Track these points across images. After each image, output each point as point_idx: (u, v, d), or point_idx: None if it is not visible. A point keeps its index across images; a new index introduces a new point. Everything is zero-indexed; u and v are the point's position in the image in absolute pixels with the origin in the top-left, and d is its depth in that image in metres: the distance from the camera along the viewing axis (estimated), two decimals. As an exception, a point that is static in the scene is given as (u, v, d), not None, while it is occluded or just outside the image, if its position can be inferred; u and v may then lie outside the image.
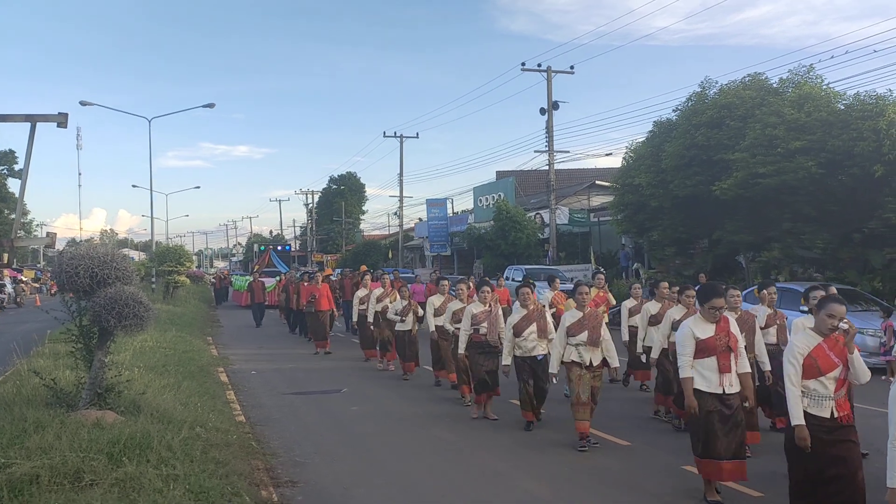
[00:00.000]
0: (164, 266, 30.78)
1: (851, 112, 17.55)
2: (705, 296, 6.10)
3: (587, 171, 44.69)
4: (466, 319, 9.33)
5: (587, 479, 6.71)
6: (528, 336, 8.53)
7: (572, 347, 7.81)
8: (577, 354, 7.78)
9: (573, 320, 7.88)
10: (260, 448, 7.70)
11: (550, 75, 30.75)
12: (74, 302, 7.77)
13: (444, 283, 11.82)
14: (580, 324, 7.85)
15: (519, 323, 8.56)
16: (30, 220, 68.58)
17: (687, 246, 24.12)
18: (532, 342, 8.54)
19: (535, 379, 8.49)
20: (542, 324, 8.59)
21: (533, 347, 8.54)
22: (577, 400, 7.70)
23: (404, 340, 12.57)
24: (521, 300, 8.72)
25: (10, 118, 4.64)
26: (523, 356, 8.54)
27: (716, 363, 5.91)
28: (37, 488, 5.21)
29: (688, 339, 5.98)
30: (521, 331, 8.53)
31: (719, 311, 6.02)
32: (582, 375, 7.72)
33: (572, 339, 7.81)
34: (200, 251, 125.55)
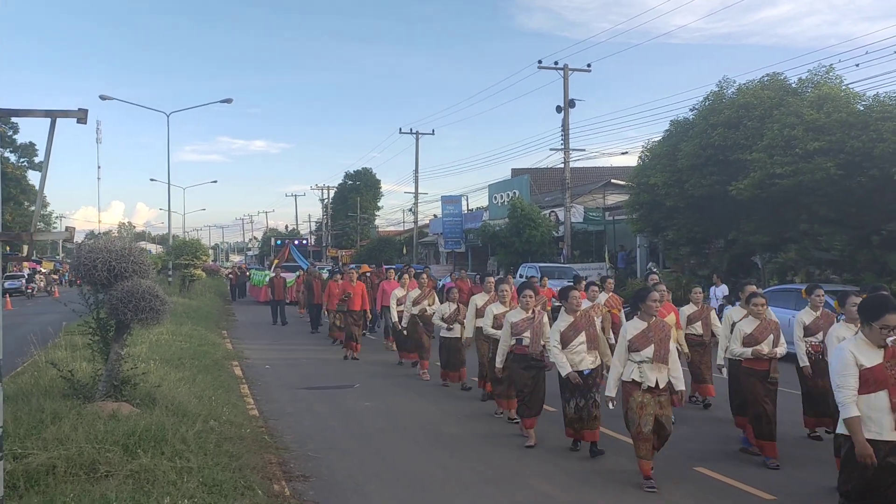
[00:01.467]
0: (181, 259, 31.01)
1: (871, 113, 17.37)
2: (874, 311, 4.59)
3: (602, 170, 44.52)
4: (506, 328, 8.19)
5: (600, 480, 6.70)
6: (575, 348, 7.34)
7: (633, 365, 6.50)
8: (639, 374, 6.45)
9: (636, 331, 6.55)
10: (273, 442, 7.76)
11: (567, 73, 30.65)
12: (92, 294, 7.87)
13: (489, 281, 10.67)
14: (645, 336, 6.51)
15: (566, 332, 7.37)
16: (49, 213, 69.28)
17: (702, 246, 23.98)
18: (580, 355, 7.35)
19: (581, 397, 7.37)
20: (593, 332, 7.45)
21: (581, 361, 7.35)
22: (637, 433, 6.39)
23: (448, 348, 11.32)
24: (569, 305, 7.54)
25: (31, 113, 4.70)
26: (574, 369, 7.40)
27: (887, 401, 4.47)
28: (53, 478, 5.29)
29: (849, 366, 4.56)
30: (568, 341, 7.36)
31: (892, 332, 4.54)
32: (645, 403, 6.40)
33: (635, 356, 6.49)
34: (217, 245, 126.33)
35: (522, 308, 8.20)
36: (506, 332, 8.17)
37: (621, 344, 6.64)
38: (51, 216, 69.79)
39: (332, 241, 71.12)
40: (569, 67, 30.72)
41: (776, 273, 20.27)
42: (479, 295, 10.60)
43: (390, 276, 15.79)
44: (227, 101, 35.32)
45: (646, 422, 6.34)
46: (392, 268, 20.05)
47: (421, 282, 13.04)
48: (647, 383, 6.41)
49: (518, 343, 8.02)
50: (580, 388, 7.30)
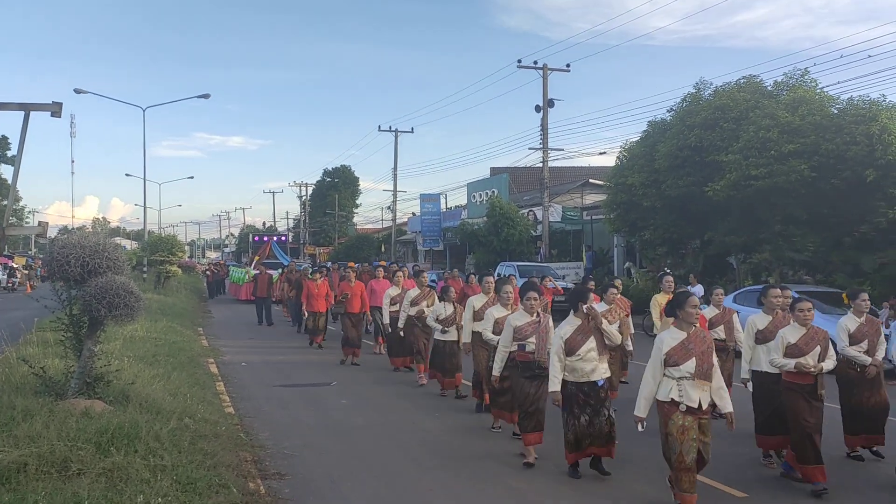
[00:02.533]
0: (156, 256, 30.70)
1: (845, 116, 17.63)
2: None
3: (581, 170, 44.74)
4: (507, 332, 7.39)
5: (576, 480, 6.73)
6: (585, 354, 6.56)
7: (671, 382, 5.66)
8: (679, 392, 5.61)
9: (674, 343, 5.70)
10: (248, 440, 7.71)
11: (546, 73, 30.75)
12: (65, 291, 7.76)
13: (488, 282, 9.77)
14: (684, 348, 5.66)
15: (573, 337, 6.59)
16: (22, 207, 68.32)
17: (678, 246, 24.20)
18: (591, 363, 6.57)
19: (593, 413, 6.54)
20: (601, 337, 6.69)
21: (592, 370, 6.55)
22: (679, 462, 5.56)
23: (444, 352, 10.41)
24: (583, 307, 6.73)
25: (5, 106, 4.63)
26: (578, 381, 6.56)
27: None
28: (24, 476, 5.21)
29: None
30: (577, 347, 6.56)
31: None
32: (687, 426, 5.55)
33: (673, 371, 5.65)
34: (193, 241, 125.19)
35: (526, 311, 7.39)
36: (507, 337, 7.38)
37: (655, 357, 5.75)
38: (23, 211, 68.83)
39: (310, 239, 70.80)
40: (548, 67, 30.82)
41: (751, 273, 20.52)
42: (477, 296, 9.74)
43: (379, 275, 14.89)
44: (204, 97, 35.09)
45: (688, 449, 5.50)
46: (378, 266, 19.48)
47: (420, 281, 12.24)
48: (688, 403, 5.56)
49: (521, 349, 7.25)
50: (591, 402, 6.53)
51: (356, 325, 13.96)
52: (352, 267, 19.34)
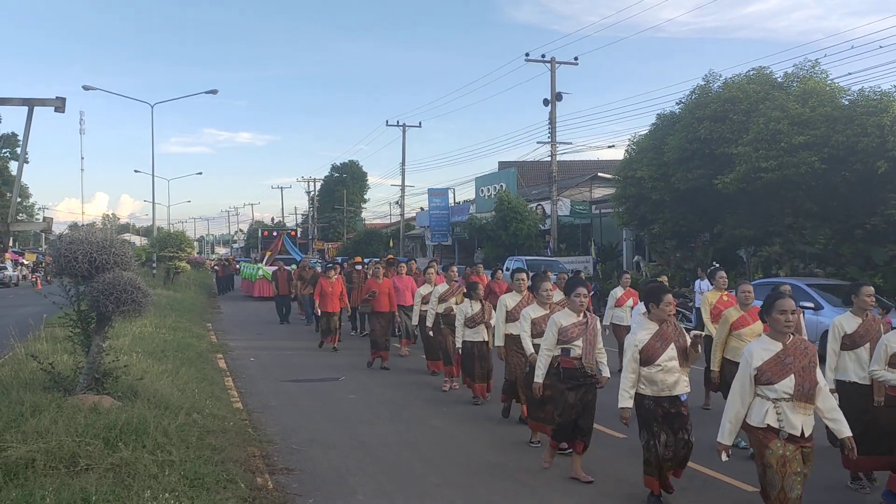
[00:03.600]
0: (165, 251, 30.83)
1: (856, 108, 17.47)
2: None
3: (589, 163, 44.62)
4: (551, 333, 6.58)
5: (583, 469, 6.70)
6: (666, 364, 5.62)
7: (766, 403, 4.63)
8: (776, 416, 4.60)
9: (768, 356, 4.67)
10: (256, 435, 7.71)
11: (554, 66, 30.63)
12: (73, 287, 7.78)
13: (520, 279, 8.80)
14: (780, 363, 4.65)
15: (651, 344, 5.64)
16: (32, 204, 68.75)
17: (688, 239, 24.09)
18: (673, 374, 5.63)
19: (675, 432, 5.63)
20: (683, 344, 5.70)
21: (675, 382, 5.65)
22: (782, 500, 4.59)
23: (473, 354, 9.53)
24: (659, 310, 5.74)
25: (8, 102, 4.63)
26: (657, 395, 5.62)
27: None
28: (32, 472, 5.23)
29: None
30: (655, 356, 5.61)
31: None
32: (789, 457, 4.56)
33: (767, 390, 4.64)
34: (202, 237, 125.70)
35: (572, 310, 6.59)
36: (550, 339, 6.54)
37: (744, 373, 4.74)
38: (33, 207, 69.25)
39: (319, 234, 70.94)
40: (556, 60, 30.71)
41: (761, 266, 20.39)
42: (509, 295, 8.85)
43: (401, 271, 13.99)
44: (212, 92, 35.12)
45: (792, 484, 4.54)
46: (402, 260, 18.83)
47: (449, 276, 11.45)
48: (790, 430, 4.57)
49: (565, 353, 6.48)
50: (673, 420, 5.61)
51: (385, 326, 12.84)
52: (359, 262, 18.79)
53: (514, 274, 8.94)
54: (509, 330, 8.36)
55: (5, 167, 54.71)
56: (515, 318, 8.17)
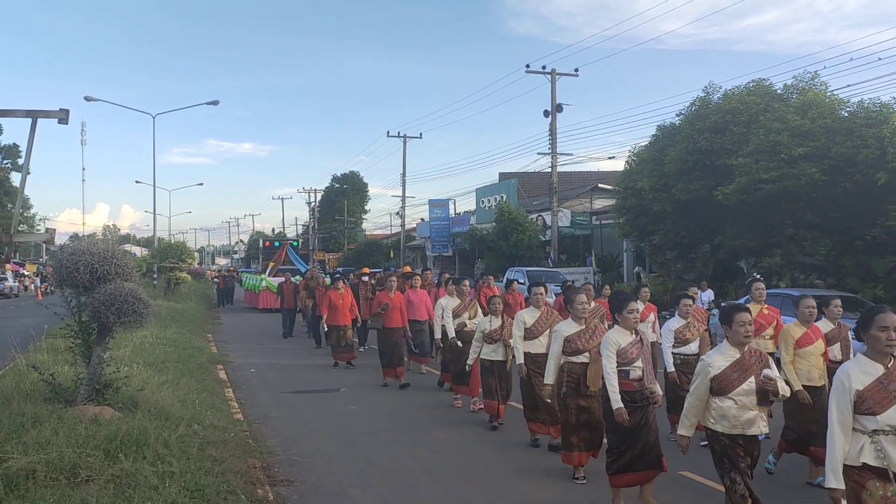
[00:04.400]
0: (166, 262, 30.84)
1: (855, 119, 17.53)
2: None
3: (590, 174, 44.71)
4: (610, 357, 5.81)
5: (585, 486, 6.68)
6: (741, 398, 4.79)
7: (862, 438, 3.85)
8: (876, 454, 3.81)
9: (868, 380, 3.88)
10: (257, 446, 7.69)
11: (555, 77, 30.75)
12: (74, 297, 7.78)
13: (538, 293, 8.14)
14: (883, 390, 3.85)
15: (727, 374, 4.81)
16: (33, 215, 68.77)
17: (688, 250, 24.12)
18: (748, 411, 4.79)
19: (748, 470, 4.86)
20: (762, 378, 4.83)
21: (749, 420, 4.78)
22: None
23: (492, 373, 8.75)
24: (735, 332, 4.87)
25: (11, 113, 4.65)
26: (730, 433, 4.79)
27: None
28: (33, 483, 5.22)
29: None
30: (729, 386, 4.79)
31: None
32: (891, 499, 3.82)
33: (866, 421, 3.84)
34: (202, 248, 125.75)
35: (624, 327, 5.94)
36: (613, 361, 5.79)
37: (842, 400, 3.92)
38: (34, 218, 69.27)
39: (319, 245, 70.96)
40: (556, 72, 30.83)
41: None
42: (526, 311, 8.17)
43: (415, 284, 13.12)
44: (213, 103, 35.22)
45: None
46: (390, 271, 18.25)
47: (461, 289, 10.68)
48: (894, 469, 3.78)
49: (624, 376, 5.80)
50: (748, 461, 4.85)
51: (397, 343, 12.04)
52: (366, 273, 18.00)
53: (531, 288, 8.32)
54: (528, 348, 7.84)
55: (7, 178, 54.86)
56: (534, 336, 7.81)
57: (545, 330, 7.77)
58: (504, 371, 8.76)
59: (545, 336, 7.70)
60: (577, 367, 6.62)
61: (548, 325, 7.78)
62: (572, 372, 6.63)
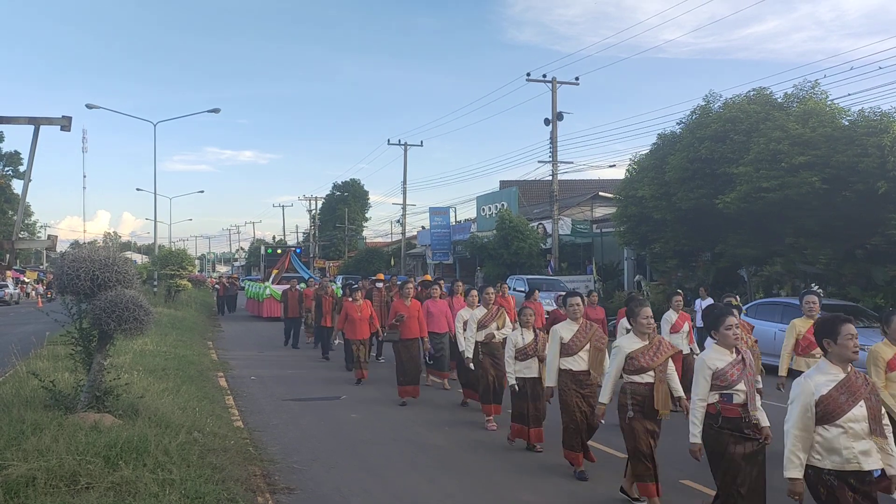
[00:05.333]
0: (167, 270, 30.85)
1: (856, 128, 17.54)
2: None
3: (590, 182, 44.74)
4: (703, 379, 5.08)
5: (586, 493, 6.67)
6: (851, 426, 4.19)
7: None
8: None
9: None
10: (257, 454, 7.68)
11: (555, 86, 30.81)
12: (75, 304, 7.79)
13: (574, 304, 7.31)
14: None
15: (832, 396, 4.22)
16: (34, 222, 68.92)
17: (689, 259, 24.09)
18: (860, 440, 4.19)
19: None
20: (876, 404, 4.31)
21: (864, 452, 4.18)
22: None
23: (524, 393, 7.96)
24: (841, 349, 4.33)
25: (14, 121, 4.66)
26: (840, 469, 4.16)
27: None
28: (33, 490, 5.21)
29: None
30: (837, 412, 4.20)
31: None
32: None
33: None
34: (203, 255, 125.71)
35: (722, 345, 5.17)
36: (703, 387, 5.07)
37: None
38: (35, 225, 69.41)
39: (320, 252, 70.99)
40: (557, 80, 30.89)
41: (762, 286, 20.38)
42: (563, 324, 7.36)
43: (435, 294, 12.25)
44: (214, 111, 35.38)
45: None
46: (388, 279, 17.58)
47: (485, 298, 9.92)
48: None
49: (725, 400, 5.05)
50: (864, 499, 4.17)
51: (415, 356, 11.29)
52: (380, 280, 17.35)
53: (567, 299, 7.49)
54: (568, 365, 7.08)
55: (8, 186, 54.96)
56: (573, 352, 7.08)
57: (585, 344, 7.09)
58: (538, 390, 7.91)
59: (586, 351, 7.09)
60: (641, 387, 5.97)
61: (588, 339, 7.12)
62: (637, 393, 5.97)
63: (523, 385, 7.97)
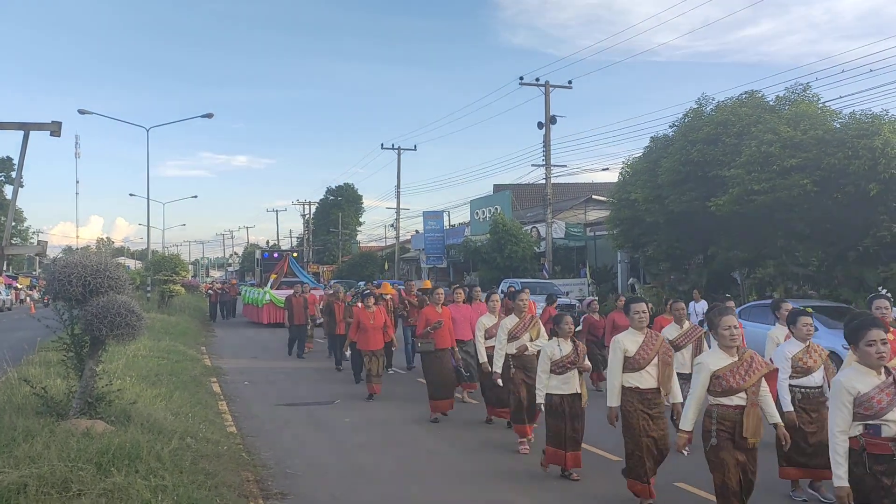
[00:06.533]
0: (160, 275, 30.77)
1: (847, 130, 17.63)
2: None
3: (584, 186, 44.88)
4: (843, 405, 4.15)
5: (580, 495, 6.66)
6: None
7: None
8: None
9: None
10: (250, 459, 7.67)
11: (548, 90, 30.90)
12: (66, 310, 7.76)
13: (640, 311, 6.34)
14: None
15: None
16: (26, 228, 68.66)
17: (682, 261, 24.17)
18: None
19: None
20: None
21: None
22: None
23: (562, 412, 7.01)
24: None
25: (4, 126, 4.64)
26: None
27: None
28: (24, 498, 5.18)
29: None
30: None
31: None
32: None
33: None
34: (197, 261, 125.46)
35: (865, 363, 4.22)
36: (845, 415, 4.15)
37: None
38: (28, 231, 69.18)
39: (314, 257, 70.91)
40: (550, 84, 30.98)
41: (755, 288, 20.45)
42: (627, 333, 6.39)
43: (458, 299, 11.36)
44: (207, 116, 35.22)
45: None
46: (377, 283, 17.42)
47: (518, 305, 8.69)
48: None
49: (871, 433, 4.11)
50: None
51: (449, 368, 10.35)
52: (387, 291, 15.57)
53: (630, 305, 6.44)
54: (634, 382, 6.17)
55: (0, 191, 54.77)
56: (640, 367, 6.14)
57: (653, 358, 6.19)
58: (577, 408, 7.03)
59: (654, 366, 6.18)
60: (729, 411, 5.07)
61: (655, 351, 6.21)
62: (724, 418, 5.08)
63: (560, 403, 6.99)
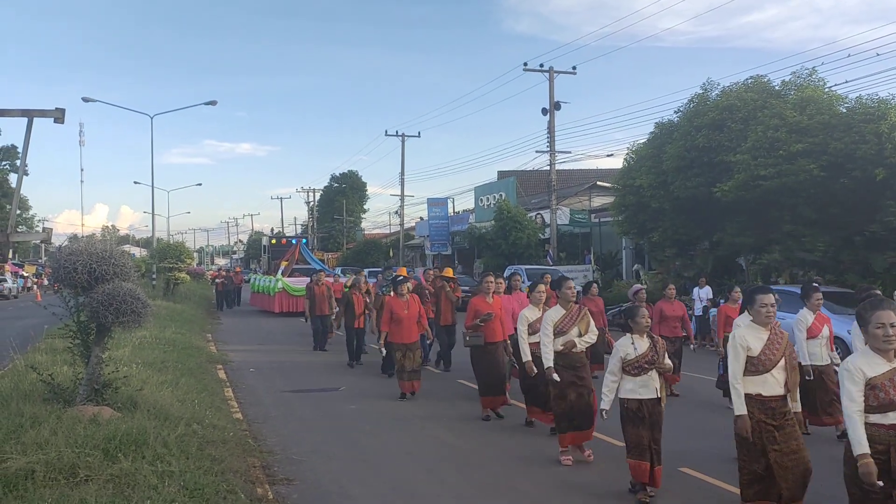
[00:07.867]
0: (165, 263, 30.84)
1: (853, 115, 17.51)
2: None
3: (588, 172, 44.68)
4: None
5: (584, 481, 6.68)
6: None
7: None
8: None
9: None
10: (256, 445, 7.70)
11: (552, 76, 30.74)
12: (72, 298, 7.79)
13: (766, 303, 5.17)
14: None
15: None
16: (32, 216, 68.88)
17: (687, 247, 24.09)
18: None
19: None
20: None
21: None
22: None
23: (641, 419, 6.01)
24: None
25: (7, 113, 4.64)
26: None
27: None
28: (31, 483, 5.22)
29: None
30: None
31: None
32: None
33: None
34: (201, 248, 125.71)
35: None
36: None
37: None
38: (33, 219, 69.39)
39: (318, 244, 71.00)
40: (554, 70, 30.82)
41: (760, 274, 20.39)
42: (748, 329, 5.22)
43: (499, 288, 10.08)
44: (211, 103, 35.19)
45: None
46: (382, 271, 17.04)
47: (564, 294, 7.53)
48: None
49: None
50: None
51: (502, 363, 9.34)
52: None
53: (756, 296, 5.22)
54: (757, 389, 5.06)
55: (5, 179, 54.87)
56: (764, 369, 5.03)
57: (779, 359, 5.08)
58: (657, 414, 6.07)
59: (780, 369, 5.08)
60: (882, 432, 3.94)
61: (781, 351, 5.10)
62: (879, 441, 3.93)
63: (638, 408, 6.00)
